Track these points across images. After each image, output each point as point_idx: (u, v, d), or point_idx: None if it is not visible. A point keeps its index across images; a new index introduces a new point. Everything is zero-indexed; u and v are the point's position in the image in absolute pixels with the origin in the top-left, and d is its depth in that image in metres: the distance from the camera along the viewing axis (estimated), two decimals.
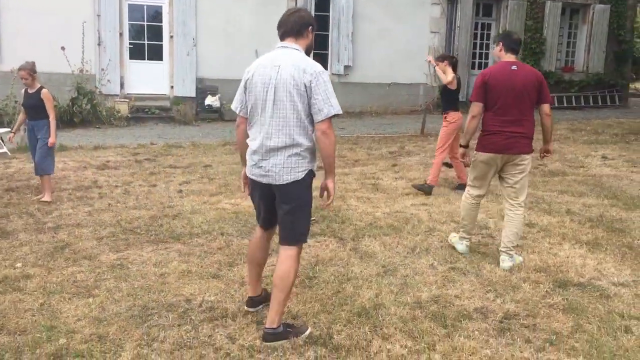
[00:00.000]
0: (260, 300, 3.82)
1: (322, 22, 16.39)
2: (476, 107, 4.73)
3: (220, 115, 14.62)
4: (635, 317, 3.78)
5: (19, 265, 4.57)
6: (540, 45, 18.20)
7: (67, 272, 4.44)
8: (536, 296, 4.09)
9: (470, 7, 17.36)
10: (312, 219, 5.86)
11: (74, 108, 12.81)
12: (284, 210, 3.34)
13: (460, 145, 5.04)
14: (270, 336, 3.34)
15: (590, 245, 5.23)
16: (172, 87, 15.02)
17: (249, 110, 3.39)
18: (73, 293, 4.05)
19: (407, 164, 9.26)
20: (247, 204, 6.54)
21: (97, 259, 4.76)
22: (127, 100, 14.15)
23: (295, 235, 3.38)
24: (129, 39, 14.86)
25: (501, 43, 4.78)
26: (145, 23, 15.08)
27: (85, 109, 12.90)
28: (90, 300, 3.93)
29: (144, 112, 14.25)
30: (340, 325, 3.60)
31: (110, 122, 13.25)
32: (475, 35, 17.90)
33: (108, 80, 14.17)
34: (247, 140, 3.43)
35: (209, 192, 7.18)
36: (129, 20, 14.84)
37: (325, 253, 4.93)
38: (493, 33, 18.19)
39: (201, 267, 4.58)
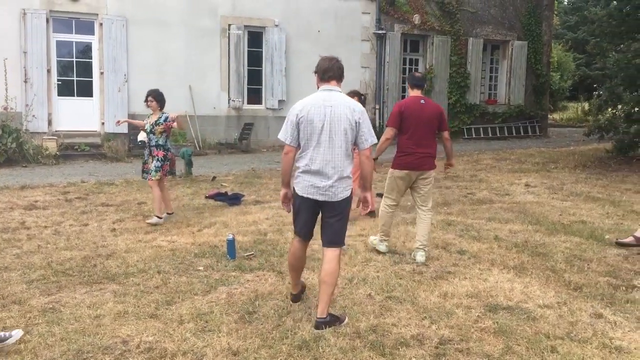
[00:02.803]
0: (300, 294, 4.56)
1: (255, 58, 16.61)
2: (391, 131, 5.88)
3: None
4: (560, 337, 4.00)
5: None
6: (464, 79, 19.08)
7: None
8: (469, 321, 4.26)
9: (398, 43, 18.06)
10: (249, 253, 5.92)
11: None
12: (334, 220, 4.14)
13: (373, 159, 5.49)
14: (322, 324, 4.06)
15: (517, 269, 5.49)
16: (102, 123, 14.75)
17: (301, 142, 4.10)
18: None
19: None
20: (184, 240, 6.49)
21: (27, 303, 4.59)
22: (56, 137, 13.77)
23: (341, 239, 4.22)
24: (57, 76, 14.54)
25: (407, 83, 6.06)
26: (74, 59, 14.82)
27: (10, 148, 12.46)
28: (22, 346, 3.79)
29: (74, 150, 13.90)
30: None
31: (38, 161, 12.85)
32: (404, 70, 18.58)
33: (34, 116, 13.82)
34: (301, 165, 4.13)
35: (143, 229, 7.06)
36: (57, 57, 14.55)
37: (265, 287, 4.95)
38: (420, 67, 18.94)
39: (138, 307, 4.50)
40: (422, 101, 5.82)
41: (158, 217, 7.31)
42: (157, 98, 7.46)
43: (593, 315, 4.39)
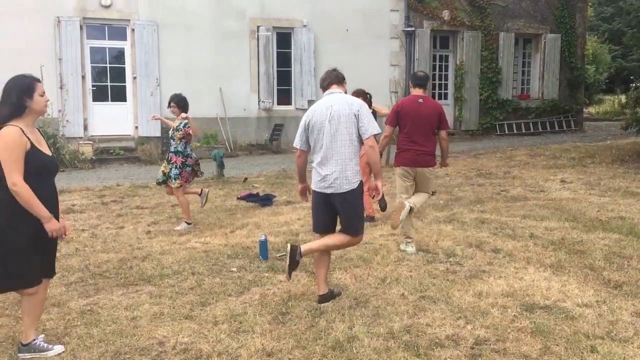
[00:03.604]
0: (327, 297, 4.58)
1: (284, 59, 16.67)
2: (388, 129, 6.17)
3: None
4: (600, 337, 3.90)
5: None
6: (496, 74, 18.82)
7: None
8: (505, 321, 4.19)
9: (427, 40, 17.90)
10: (282, 254, 5.94)
11: None
12: (344, 211, 4.45)
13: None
14: (324, 299, 4.54)
15: (554, 268, 5.38)
16: (136, 127, 15.00)
17: (311, 144, 4.56)
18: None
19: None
20: (217, 241, 6.55)
21: (66, 305, 4.69)
22: (91, 142, 14.06)
23: (356, 229, 4.51)
24: (92, 81, 14.84)
25: (410, 81, 6.20)
26: (108, 65, 15.10)
27: None
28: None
29: (109, 154, 14.17)
30: None
31: (75, 165, 13.13)
32: (434, 66, 18.42)
33: (67, 121, 14.10)
34: (315, 165, 4.53)
35: (177, 231, 7.15)
36: (91, 63, 14.85)
37: (297, 288, 4.96)
38: (451, 64, 18.75)
39: (173, 308, 4.56)
40: (421, 100, 5.99)
41: (187, 222, 7.35)
42: (179, 103, 7.35)
43: (634, 314, 4.28)
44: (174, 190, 7.30)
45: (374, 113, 7.89)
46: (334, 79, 4.68)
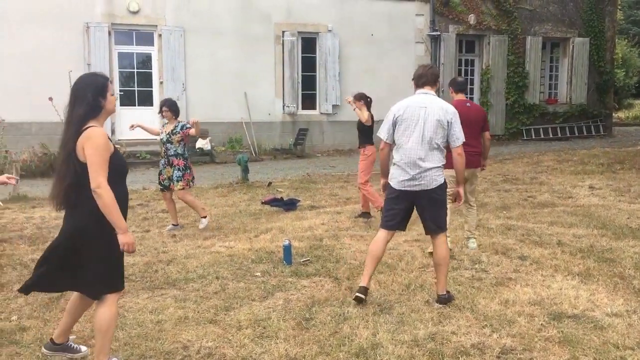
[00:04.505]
0: (364, 289, 4.65)
1: (309, 64, 16.72)
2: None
3: (211, 157, 14.73)
4: (630, 348, 3.81)
5: (14, 318, 4.55)
6: (523, 78, 18.60)
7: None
8: (532, 330, 4.13)
9: (453, 44, 17.79)
10: (306, 259, 5.94)
11: None
12: (432, 207, 4.59)
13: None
14: (444, 300, 4.60)
15: (582, 276, 5.28)
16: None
17: (396, 139, 4.63)
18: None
19: None
20: (241, 246, 6.58)
21: (92, 308, 4.73)
22: (119, 146, 14.20)
23: (443, 224, 4.70)
24: (119, 86, 15.06)
25: (451, 87, 6.28)
26: (135, 70, 15.32)
27: None
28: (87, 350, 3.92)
29: (136, 157, 14.35)
30: None
31: None
32: (460, 71, 18.29)
33: None
34: (396, 159, 4.63)
35: (202, 235, 7.20)
36: (118, 68, 15.08)
37: (321, 293, 4.95)
38: (477, 68, 18.60)
39: (197, 312, 4.59)
40: (468, 104, 6.17)
41: (203, 217, 7.52)
42: (171, 108, 7.47)
43: None
44: (179, 193, 7.41)
45: (372, 118, 8.02)
46: (430, 78, 4.71)
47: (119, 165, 3.42)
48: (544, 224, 7.37)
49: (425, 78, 4.71)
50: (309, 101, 16.90)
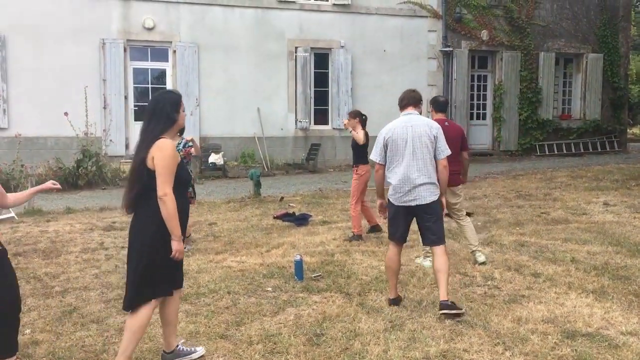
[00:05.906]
0: (397, 299, 5.00)
1: (321, 79, 16.81)
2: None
3: (224, 172, 14.80)
4: None
5: (27, 331, 4.58)
6: (536, 94, 18.55)
7: (76, 336, 4.45)
8: (545, 348, 4.08)
9: (465, 60, 17.81)
10: (317, 274, 5.93)
11: (79, 170, 13.01)
12: (430, 222, 4.83)
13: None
14: (447, 307, 4.62)
15: (596, 293, 5.23)
16: None
17: (388, 159, 4.92)
18: (82, 358, 4.06)
19: None
20: (253, 260, 6.59)
21: (104, 322, 4.77)
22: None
23: (442, 237, 4.88)
24: (134, 101, 15.23)
25: (432, 107, 6.40)
26: (150, 85, 15.48)
27: (90, 171, 13.09)
28: None
29: None
30: None
31: (116, 183, 13.42)
32: (472, 86, 18.28)
33: (111, 140, 14.49)
34: (392, 179, 4.88)
35: (214, 250, 7.22)
36: (133, 83, 15.26)
37: (332, 309, 4.94)
38: (489, 84, 18.59)
39: (209, 327, 4.59)
40: (447, 123, 6.21)
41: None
42: None
43: None
44: None
45: (367, 135, 7.84)
46: (411, 100, 5.08)
47: (183, 177, 3.71)
48: (558, 241, 7.31)
49: (406, 100, 5.09)
50: (321, 116, 16.96)
